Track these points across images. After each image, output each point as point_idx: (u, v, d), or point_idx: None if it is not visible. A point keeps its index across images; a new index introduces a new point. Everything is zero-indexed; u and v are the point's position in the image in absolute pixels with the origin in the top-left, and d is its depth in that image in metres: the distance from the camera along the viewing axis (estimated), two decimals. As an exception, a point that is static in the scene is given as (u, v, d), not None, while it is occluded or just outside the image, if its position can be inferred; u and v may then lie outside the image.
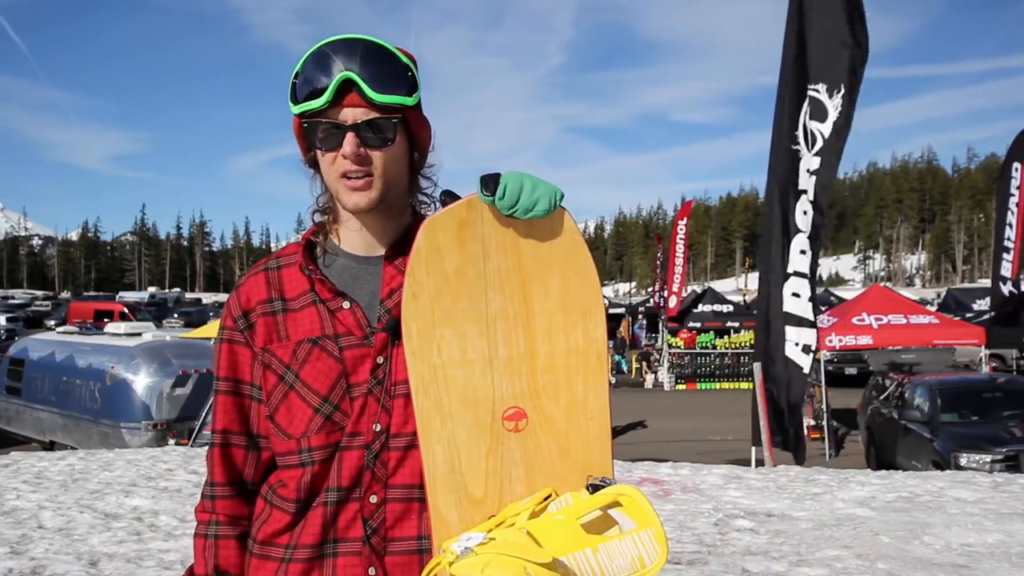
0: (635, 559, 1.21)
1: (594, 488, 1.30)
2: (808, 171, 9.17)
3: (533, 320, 1.34)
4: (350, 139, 1.32)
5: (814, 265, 9.32)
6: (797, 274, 9.28)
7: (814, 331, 9.27)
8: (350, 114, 1.32)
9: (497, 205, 1.27)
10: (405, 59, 1.36)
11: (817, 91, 9.16)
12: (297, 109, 1.35)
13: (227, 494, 1.44)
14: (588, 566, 1.20)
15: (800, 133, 9.22)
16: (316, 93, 1.32)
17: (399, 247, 1.42)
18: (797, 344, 9.21)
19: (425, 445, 1.32)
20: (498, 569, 1.14)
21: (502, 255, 1.32)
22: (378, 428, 1.35)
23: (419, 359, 1.32)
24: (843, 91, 9.08)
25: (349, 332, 1.38)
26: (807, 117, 9.14)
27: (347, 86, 1.31)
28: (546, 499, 1.31)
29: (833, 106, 9.17)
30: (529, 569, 1.14)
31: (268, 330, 1.41)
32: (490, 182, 1.26)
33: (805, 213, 9.23)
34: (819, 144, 9.16)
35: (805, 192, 9.21)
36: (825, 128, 9.15)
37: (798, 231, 9.28)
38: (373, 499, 1.35)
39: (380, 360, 1.37)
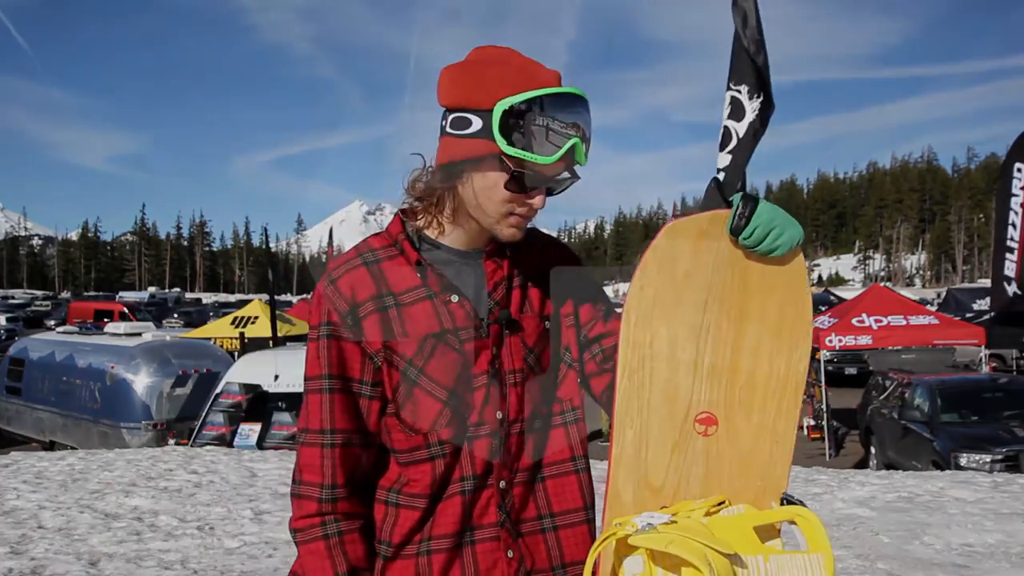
0: None
1: (786, 502, 1.36)
2: (717, 168, 9.12)
3: (743, 338, 1.40)
4: (543, 193, 1.35)
5: None
6: None
7: None
8: (551, 169, 1.32)
9: (740, 243, 1.35)
10: None
11: (739, 92, 9.11)
12: (513, 152, 1.28)
13: (347, 494, 1.38)
14: (757, 572, 1.23)
15: (721, 132, 9.20)
16: (544, 149, 1.29)
17: (497, 244, 1.44)
18: None
19: (618, 426, 1.39)
20: (681, 548, 1.17)
21: (730, 271, 1.39)
22: (500, 416, 1.39)
23: (631, 347, 1.39)
24: (760, 96, 9.05)
25: (463, 325, 1.40)
26: (726, 116, 9.11)
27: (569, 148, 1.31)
28: (719, 505, 1.36)
29: (751, 108, 9.11)
30: (710, 556, 1.16)
31: (383, 326, 1.37)
32: (743, 218, 1.33)
33: None
34: (732, 143, 9.12)
35: None
36: (741, 128, 9.10)
37: None
38: (502, 484, 1.40)
39: (494, 351, 1.41)
